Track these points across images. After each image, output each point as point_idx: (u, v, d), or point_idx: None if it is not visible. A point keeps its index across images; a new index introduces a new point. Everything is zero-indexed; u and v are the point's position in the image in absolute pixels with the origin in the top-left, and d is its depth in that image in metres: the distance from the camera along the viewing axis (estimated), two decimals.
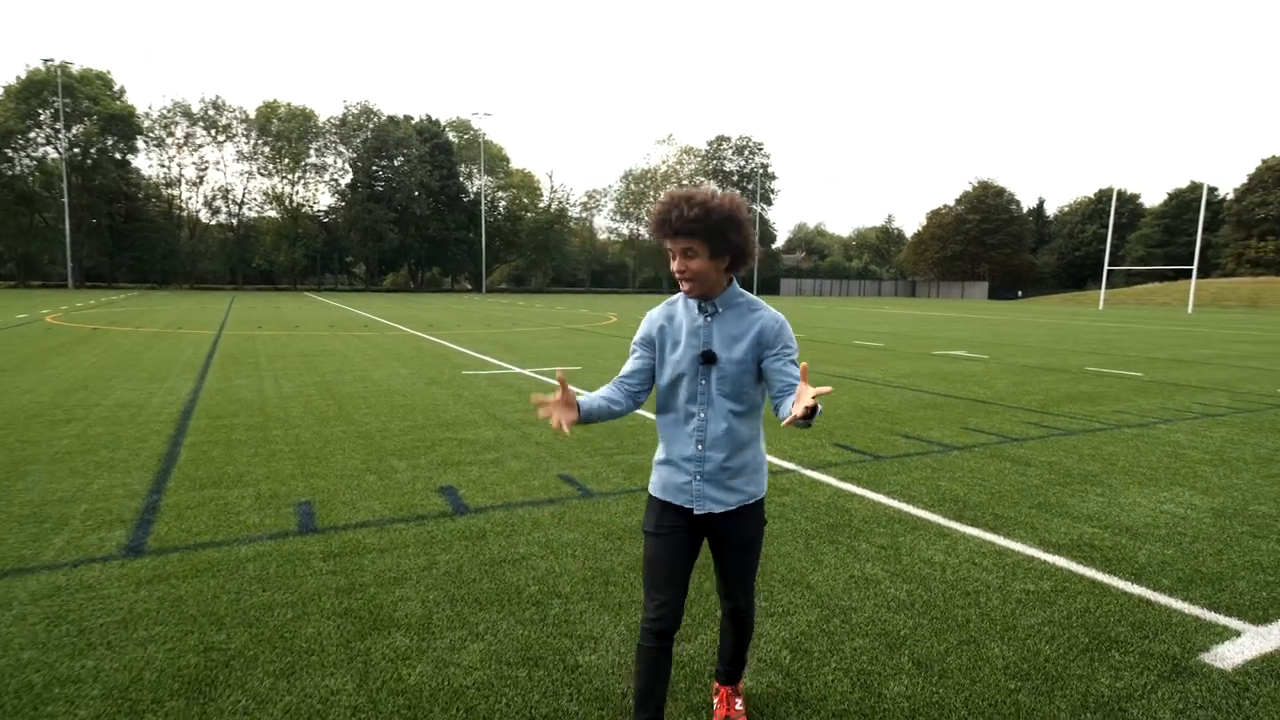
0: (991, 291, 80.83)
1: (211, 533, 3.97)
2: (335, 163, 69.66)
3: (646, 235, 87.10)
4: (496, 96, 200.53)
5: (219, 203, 68.17)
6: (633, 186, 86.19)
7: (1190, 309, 49.92)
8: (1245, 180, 71.44)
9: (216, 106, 65.70)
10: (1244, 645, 3.00)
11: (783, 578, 3.55)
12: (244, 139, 67.16)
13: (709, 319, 2.11)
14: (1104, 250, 66.78)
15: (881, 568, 3.71)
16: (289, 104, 66.73)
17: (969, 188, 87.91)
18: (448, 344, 15.24)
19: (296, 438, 6.25)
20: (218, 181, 73.51)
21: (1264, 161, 70.03)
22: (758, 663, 2.79)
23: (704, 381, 2.11)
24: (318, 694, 2.49)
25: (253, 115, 66.64)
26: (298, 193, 68.51)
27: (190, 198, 68.64)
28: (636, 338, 2.21)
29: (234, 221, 68.62)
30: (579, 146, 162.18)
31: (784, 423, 1.86)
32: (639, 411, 7.67)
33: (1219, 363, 13.94)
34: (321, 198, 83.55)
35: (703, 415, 2.12)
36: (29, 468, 5.20)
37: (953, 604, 3.32)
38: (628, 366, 2.21)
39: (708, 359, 2.09)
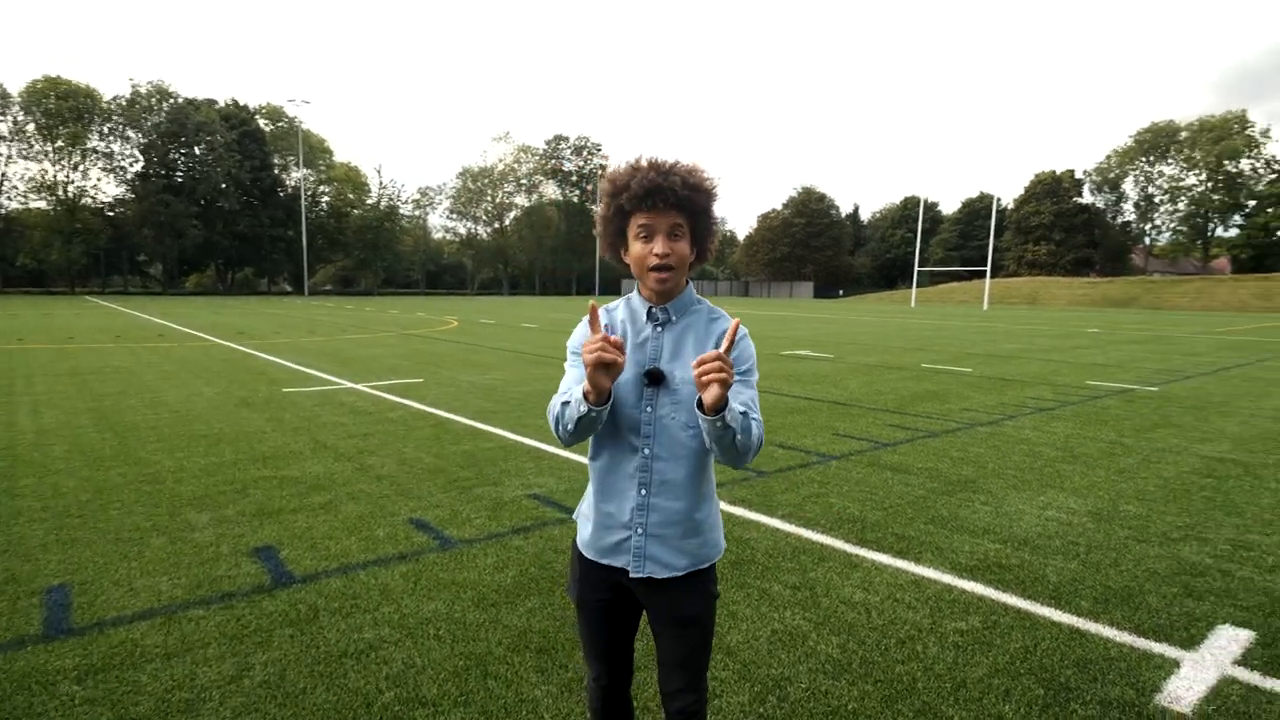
0: (816, 290, 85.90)
1: None
2: (123, 149, 61.55)
3: (485, 235, 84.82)
4: (313, 84, 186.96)
5: None
6: (470, 184, 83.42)
7: (986, 306, 55.55)
8: (1022, 192, 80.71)
9: None
10: (1189, 678, 2.79)
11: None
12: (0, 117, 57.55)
13: (659, 328, 1.69)
14: (911, 252, 73.07)
15: (803, 616, 3.23)
16: (67, 80, 58.00)
17: (794, 193, 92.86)
18: (263, 355, 13.48)
19: (55, 488, 4.90)
20: None
21: (1036, 176, 79.43)
22: None
23: (650, 409, 1.64)
24: None
25: (14, 92, 57.37)
26: (74, 181, 59.84)
27: None
28: (574, 344, 1.73)
29: None
30: (409, 141, 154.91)
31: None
32: (498, 432, 6.86)
33: (1028, 356, 15.15)
34: (107, 188, 73.88)
35: (648, 452, 1.65)
36: None
37: (891, 658, 2.89)
38: (568, 381, 1.69)
39: (653, 379, 1.63)
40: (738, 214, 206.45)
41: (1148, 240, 79.35)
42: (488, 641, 2.93)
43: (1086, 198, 78.96)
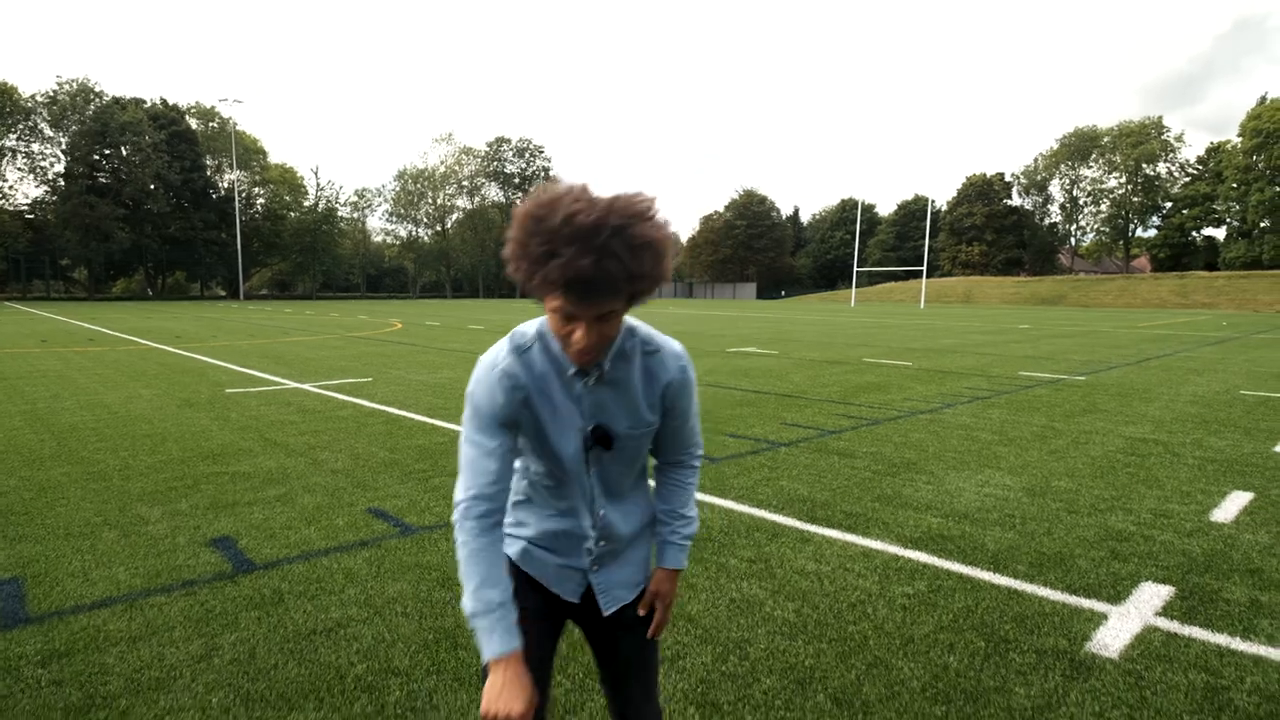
0: (759, 291, 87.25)
1: None
2: (44, 149, 58.77)
3: (426, 238, 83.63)
4: (245, 82, 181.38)
5: None
6: (409, 186, 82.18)
7: (922, 304, 57.28)
8: (955, 194, 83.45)
9: None
10: (1116, 628, 3.02)
11: None
12: None
13: (592, 382, 1.39)
14: (851, 253, 74.83)
15: (759, 586, 3.38)
16: None
17: (735, 195, 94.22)
18: (202, 358, 13.10)
19: None
20: None
21: (967, 178, 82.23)
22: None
23: (596, 466, 1.46)
24: None
25: None
26: None
27: None
28: (480, 418, 1.38)
29: None
30: (347, 142, 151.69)
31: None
32: (452, 427, 6.86)
33: (964, 351, 15.74)
34: (26, 189, 70.35)
35: (596, 504, 1.49)
36: None
37: (843, 619, 3.05)
38: (480, 474, 1.36)
39: (602, 441, 1.42)
40: (680, 216, 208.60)
41: (1073, 240, 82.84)
42: (455, 617, 2.99)
43: (1015, 199, 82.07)
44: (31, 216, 58.65)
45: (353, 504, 4.49)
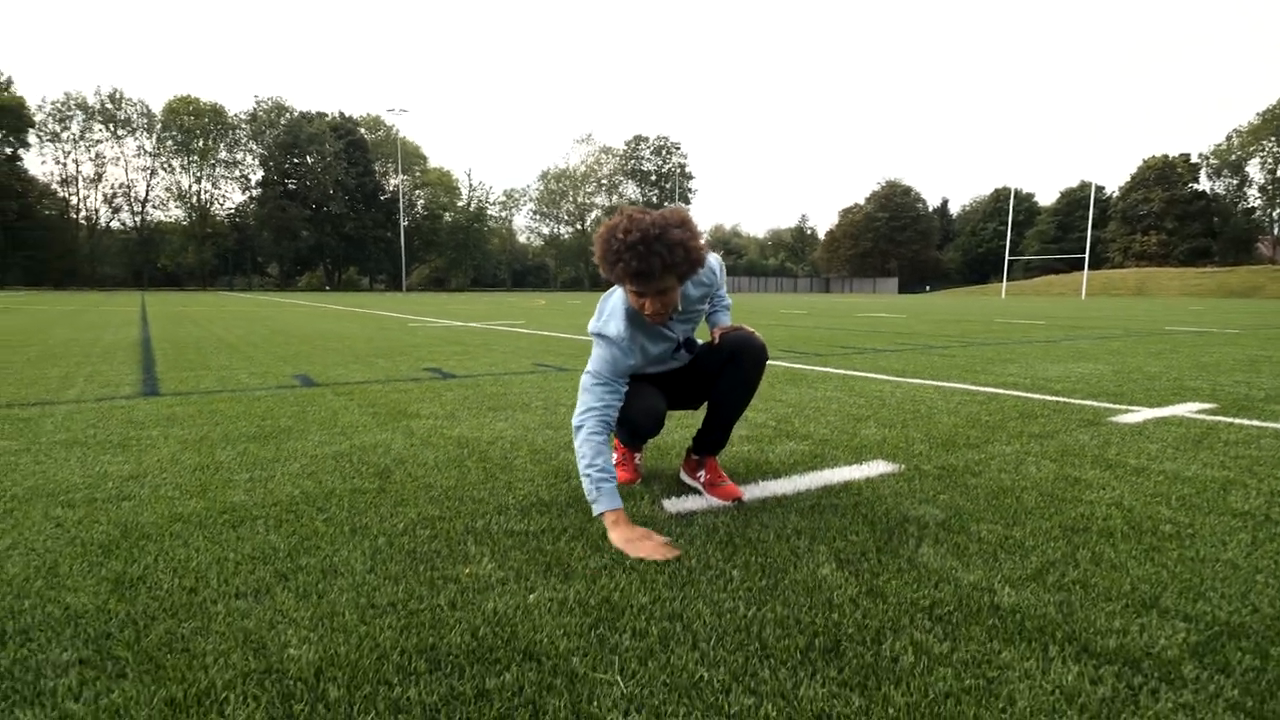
0: (901, 286, 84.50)
1: (219, 386, 4.15)
2: (246, 159, 67.30)
3: (566, 236, 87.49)
4: (409, 92, 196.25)
5: (120, 200, 64.67)
6: (551, 186, 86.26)
7: (1084, 296, 53.57)
8: (1128, 179, 76.88)
9: (114, 100, 62.35)
10: (1141, 415, 3.61)
11: (754, 402, 3.99)
12: (145, 134, 63.97)
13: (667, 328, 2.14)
14: (1004, 246, 70.88)
15: (840, 393, 4.20)
16: (198, 99, 63.97)
17: (877, 187, 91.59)
18: (384, 313, 15.20)
19: (269, 351, 6.37)
20: (118, 179, 69.80)
21: (1145, 161, 75.33)
22: (748, 425, 3.20)
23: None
24: (372, 442, 2.79)
25: (156, 111, 63.67)
26: (205, 190, 65.83)
27: (88, 195, 64.88)
28: (607, 369, 2.02)
29: (137, 221, 65.28)
30: (497, 145, 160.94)
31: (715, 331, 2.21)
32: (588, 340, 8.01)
33: (1111, 318, 15.31)
34: (232, 195, 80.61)
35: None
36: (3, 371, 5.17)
37: (904, 407, 3.83)
38: (603, 398, 2.02)
39: (691, 349, 2.22)
40: (817, 211, 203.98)
41: (1278, 229, 73.70)
42: None
43: (1203, 183, 74.31)
44: (238, 220, 67.13)
45: (520, 361, 5.70)
